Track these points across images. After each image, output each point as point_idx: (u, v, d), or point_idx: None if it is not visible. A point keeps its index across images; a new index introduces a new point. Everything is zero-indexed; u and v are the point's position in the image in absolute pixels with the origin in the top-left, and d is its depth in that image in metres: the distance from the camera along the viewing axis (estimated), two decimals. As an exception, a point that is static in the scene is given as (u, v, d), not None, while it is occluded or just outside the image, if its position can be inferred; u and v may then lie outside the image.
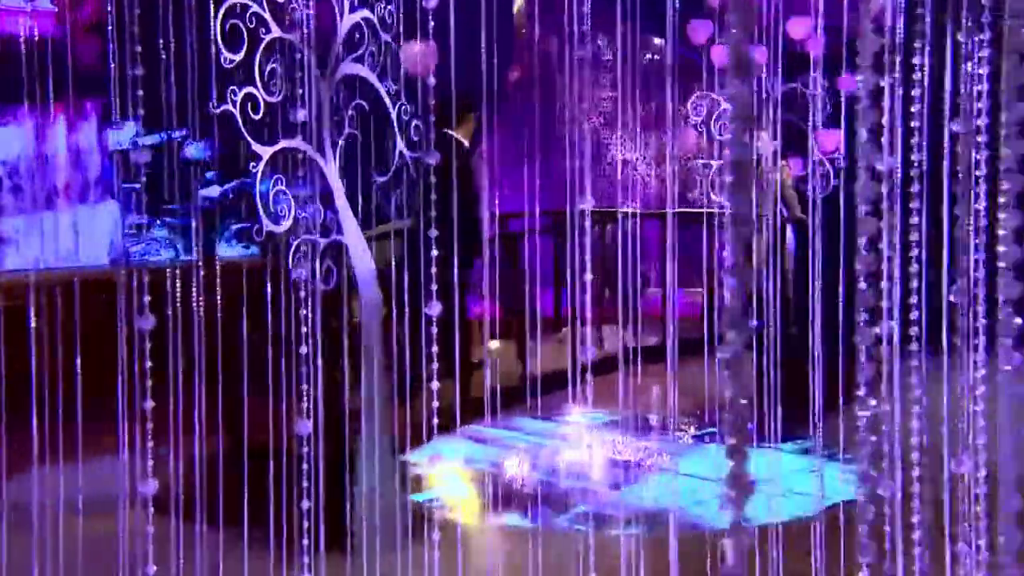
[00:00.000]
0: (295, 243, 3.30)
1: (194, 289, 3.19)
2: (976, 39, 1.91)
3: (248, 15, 3.11)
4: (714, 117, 5.74)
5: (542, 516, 4.49)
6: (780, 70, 5.25)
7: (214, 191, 8.52)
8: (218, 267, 3.36)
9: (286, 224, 3.26)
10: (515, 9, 4.73)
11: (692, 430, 5.74)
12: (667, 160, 7.75)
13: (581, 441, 5.03)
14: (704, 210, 5.71)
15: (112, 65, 3.15)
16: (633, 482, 4.90)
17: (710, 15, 5.36)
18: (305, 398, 2.16)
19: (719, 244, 5.52)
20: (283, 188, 3.25)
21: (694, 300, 7.01)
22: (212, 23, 3.03)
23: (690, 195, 7.06)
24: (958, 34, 2.08)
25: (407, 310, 3.62)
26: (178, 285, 3.13)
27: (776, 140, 5.32)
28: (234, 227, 7.93)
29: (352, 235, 3.56)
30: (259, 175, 3.16)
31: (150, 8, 3.30)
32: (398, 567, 3.41)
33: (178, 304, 3.62)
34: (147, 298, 2.59)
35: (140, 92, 3.05)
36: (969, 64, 2.11)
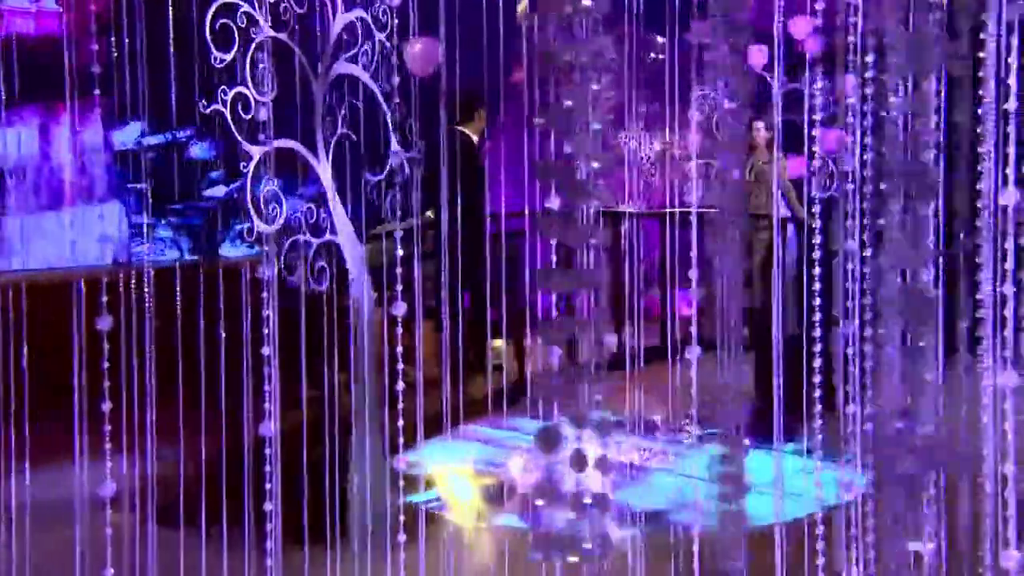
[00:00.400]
0: (286, 243, 3.29)
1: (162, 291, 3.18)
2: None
3: (239, 14, 3.10)
4: (715, 116, 5.70)
5: (537, 517, 4.48)
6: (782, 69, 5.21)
7: (219, 191, 8.52)
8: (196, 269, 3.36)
9: (278, 224, 3.25)
10: (520, 10, 4.72)
11: (695, 430, 5.70)
12: (668, 159, 7.73)
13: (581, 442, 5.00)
14: (704, 210, 5.67)
15: (98, 66, 3.14)
16: (633, 483, 4.88)
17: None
18: (267, 399, 2.14)
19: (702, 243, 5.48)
20: (274, 188, 3.24)
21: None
22: (204, 22, 3.02)
23: (698, 195, 7.02)
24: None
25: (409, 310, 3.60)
26: (140, 285, 3.13)
27: (768, 133, 5.28)
28: (238, 227, 7.93)
29: (345, 235, 3.54)
30: (250, 174, 3.16)
31: (150, 10, 3.30)
32: (376, 568, 3.40)
33: (181, 304, 3.62)
34: (104, 299, 2.58)
35: (97, 91, 3.05)
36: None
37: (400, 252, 3.13)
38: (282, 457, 3.33)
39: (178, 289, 3.70)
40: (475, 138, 6.77)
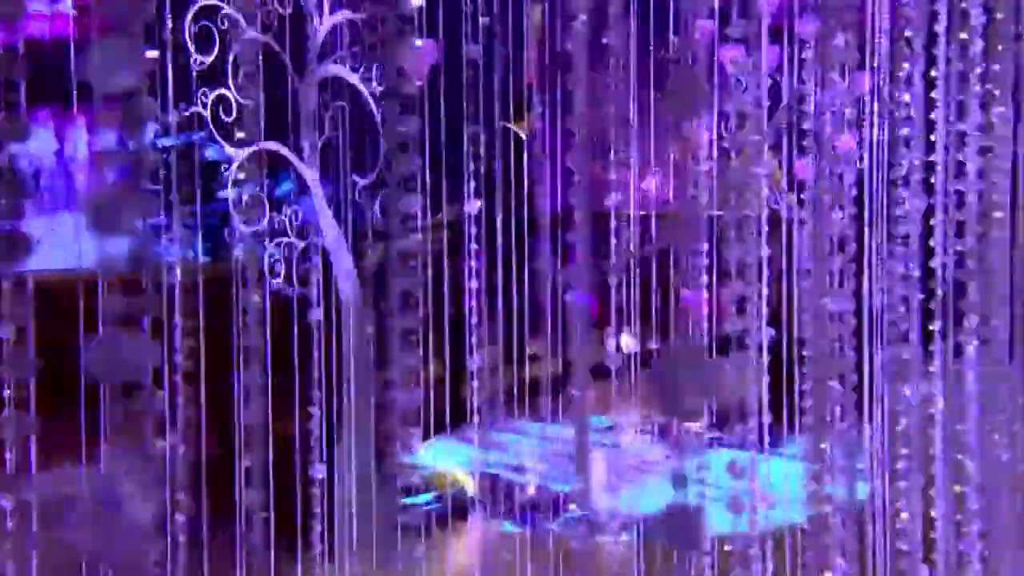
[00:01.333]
0: (270, 246, 3.28)
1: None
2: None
3: (220, 16, 3.10)
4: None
5: (534, 521, 4.46)
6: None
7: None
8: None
9: (260, 227, 3.25)
10: (533, 20, 4.70)
11: (701, 434, 5.63)
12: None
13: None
14: (714, 213, 5.62)
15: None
16: (633, 487, 4.84)
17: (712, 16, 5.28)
18: (169, 409, 2.12)
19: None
20: (257, 191, 3.23)
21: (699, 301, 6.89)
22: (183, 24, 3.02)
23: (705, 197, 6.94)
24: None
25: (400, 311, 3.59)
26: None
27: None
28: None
29: (331, 237, 3.53)
30: (231, 177, 3.15)
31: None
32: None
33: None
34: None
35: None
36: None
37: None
38: (274, 462, 3.34)
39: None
40: (524, 136, 6.72)
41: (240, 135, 3.22)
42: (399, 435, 3.68)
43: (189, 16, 3.04)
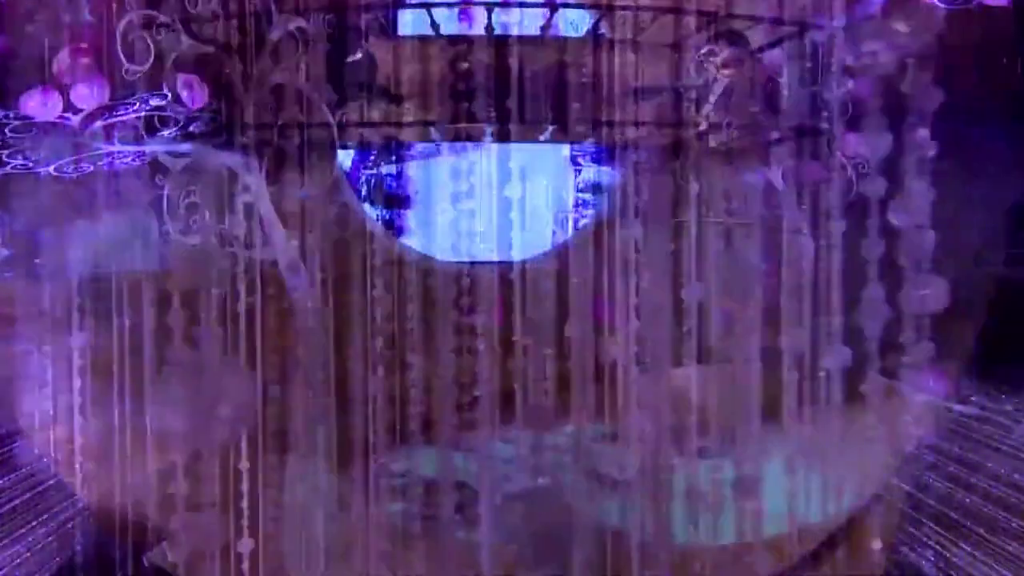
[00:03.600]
0: (215, 253, 3.29)
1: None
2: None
3: (155, 27, 3.10)
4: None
5: (507, 529, 4.42)
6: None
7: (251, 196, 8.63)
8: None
9: (198, 235, 3.25)
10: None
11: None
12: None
13: (567, 454, 4.93)
14: (714, 220, 5.51)
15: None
16: (617, 496, 4.77)
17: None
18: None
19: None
20: (196, 199, 3.24)
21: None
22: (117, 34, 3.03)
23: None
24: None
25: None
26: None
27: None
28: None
29: (281, 246, 3.52)
30: (168, 186, 3.16)
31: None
32: None
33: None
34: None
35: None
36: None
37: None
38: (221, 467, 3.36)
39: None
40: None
41: (181, 143, 3.23)
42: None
43: (122, 25, 3.04)
